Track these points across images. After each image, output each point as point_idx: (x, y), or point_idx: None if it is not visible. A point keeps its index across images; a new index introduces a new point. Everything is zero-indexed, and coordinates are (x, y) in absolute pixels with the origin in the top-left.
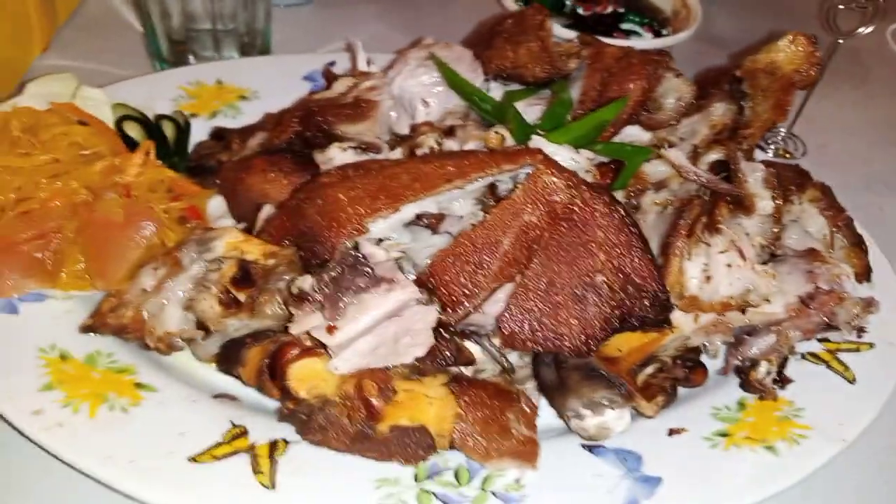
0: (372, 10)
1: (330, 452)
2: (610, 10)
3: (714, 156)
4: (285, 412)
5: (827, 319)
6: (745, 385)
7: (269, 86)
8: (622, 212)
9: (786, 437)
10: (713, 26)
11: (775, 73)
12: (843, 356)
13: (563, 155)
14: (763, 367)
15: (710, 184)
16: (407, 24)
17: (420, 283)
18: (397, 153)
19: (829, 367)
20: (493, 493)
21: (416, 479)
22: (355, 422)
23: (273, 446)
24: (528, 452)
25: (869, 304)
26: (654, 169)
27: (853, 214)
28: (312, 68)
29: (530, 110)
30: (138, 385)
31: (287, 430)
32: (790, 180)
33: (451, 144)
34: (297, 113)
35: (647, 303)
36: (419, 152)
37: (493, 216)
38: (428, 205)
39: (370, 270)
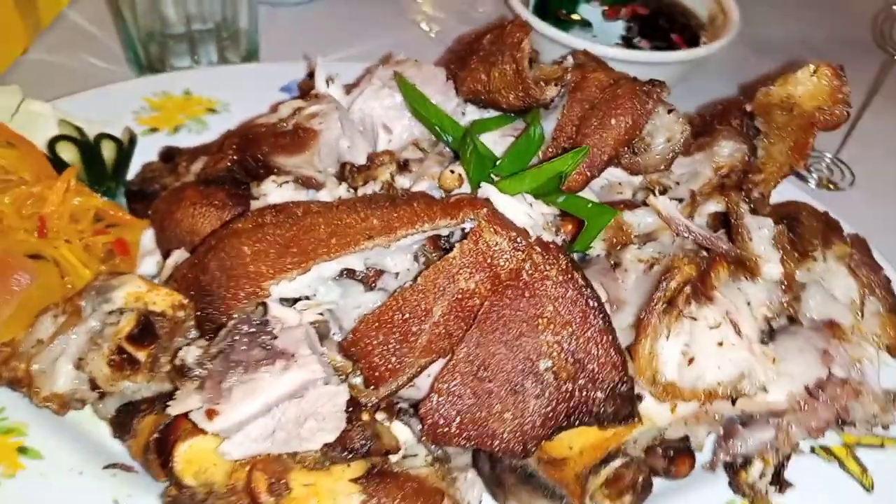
0: (389, 11)
1: None
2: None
3: (714, 206)
4: (168, 498)
5: (841, 415)
6: (734, 486)
7: (241, 97)
8: (581, 281)
9: None
10: (761, 29)
11: (793, 109)
12: (862, 452)
13: (515, 208)
14: (756, 468)
15: (704, 241)
16: (425, 34)
17: (343, 350)
18: (343, 188)
19: (842, 466)
20: None
21: None
22: None
23: None
24: None
25: (893, 400)
26: (640, 219)
27: None
28: (292, 78)
29: (503, 143)
30: (22, 450)
31: None
32: (815, 232)
33: (402, 181)
34: (236, 140)
35: (601, 396)
36: (370, 187)
37: (426, 279)
38: (350, 261)
39: (270, 341)
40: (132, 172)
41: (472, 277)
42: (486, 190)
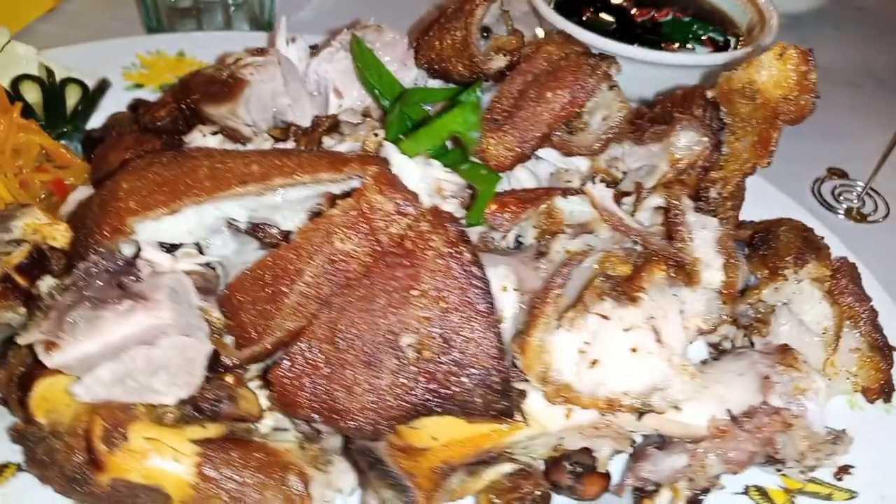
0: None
1: (50, 493)
2: (670, 17)
3: (659, 200)
4: (15, 433)
5: (766, 450)
6: None
7: None
8: (468, 257)
9: None
10: (822, 53)
11: (755, 98)
12: (804, 501)
13: (411, 171)
14: (664, 497)
15: (637, 236)
16: None
17: (220, 306)
18: (269, 146)
19: None
20: None
21: None
22: (70, 464)
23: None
24: None
25: (836, 441)
26: (572, 206)
27: None
28: None
29: None
30: None
31: None
32: (789, 248)
33: (330, 143)
34: (177, 87)
35: (470, 384)
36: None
37: (301, 236)
38: (230, 210)
39: (130, 282)
40: None
41: (350, 239)
42: (387, 149)
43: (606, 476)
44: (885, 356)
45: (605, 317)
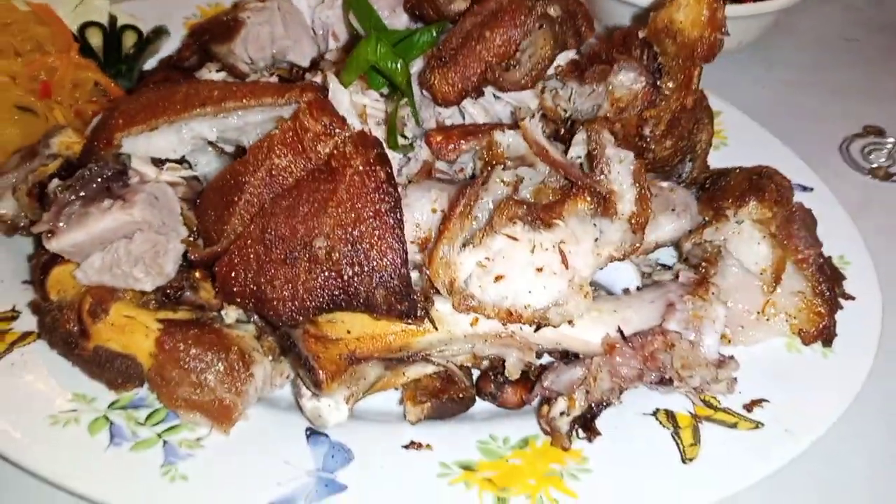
0: None
1: (56, 356)
2: None
3: (584, 135)
4: (33, 305)
5: (650, 366)
6: (538, 420)
7: None
8: (382, 176)
9: (532, 498)
10: (883, 8)
11: (677, 37)
12: (708, 429)
13: (343, 98)
14: (560, 405)
15: (560, 167)
16: None
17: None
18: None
19: (675, 433)
20: (165, 442)
21: (110, 406)
22: (63, 332)
23: (24, 336)
24: (221, 415)
25: (719, 365)
26: (507, 139)
27: None
28: None
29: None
30: None
31: None
32: (733, 189)
33: (308, 77)
34: (196, 30)
35: (372, 284)
36: None
37: (250, 152)
38: (200, 129)
39: (119, 187)
40: None
41: (286, 155)
42: (330, 80)
43: (527, 387)
44: (827, 301)
45: (514, 238)
